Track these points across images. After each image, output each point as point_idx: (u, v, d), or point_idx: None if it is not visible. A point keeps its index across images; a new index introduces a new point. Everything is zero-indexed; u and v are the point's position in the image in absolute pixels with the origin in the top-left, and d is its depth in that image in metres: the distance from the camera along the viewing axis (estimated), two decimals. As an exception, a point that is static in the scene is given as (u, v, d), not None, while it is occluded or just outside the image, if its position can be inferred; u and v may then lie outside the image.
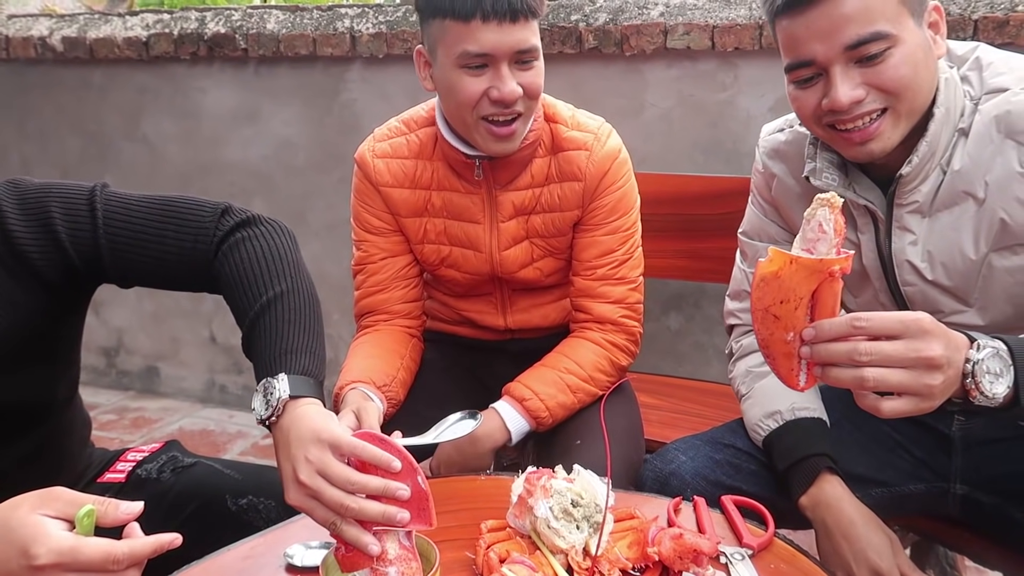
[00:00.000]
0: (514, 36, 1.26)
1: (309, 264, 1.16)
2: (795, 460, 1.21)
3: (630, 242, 1.48)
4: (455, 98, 1.31)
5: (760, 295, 0.90)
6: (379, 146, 1.49)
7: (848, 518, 1.13)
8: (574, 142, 1.43)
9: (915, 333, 0.87)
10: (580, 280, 1.48)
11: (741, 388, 1.36)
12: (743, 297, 1.39)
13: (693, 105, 2.23)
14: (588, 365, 1.44)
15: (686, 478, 1.26)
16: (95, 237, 1.07)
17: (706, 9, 2.16)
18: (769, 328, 0.91)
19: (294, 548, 1.01)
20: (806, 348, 0.90)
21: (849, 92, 1.06)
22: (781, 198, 1.32)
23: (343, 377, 1.35)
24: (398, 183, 1.47)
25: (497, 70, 1.28)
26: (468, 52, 1.26)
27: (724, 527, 1.10)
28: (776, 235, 1.34)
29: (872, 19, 1.03)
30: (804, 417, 1.25)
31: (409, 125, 1.50)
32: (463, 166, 1.43)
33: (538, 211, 1.47)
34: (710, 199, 1.97)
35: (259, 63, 2.68)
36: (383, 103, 2.57)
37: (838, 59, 1.06)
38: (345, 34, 2.52)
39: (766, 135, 1.36)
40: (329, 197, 2.72)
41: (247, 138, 2.78)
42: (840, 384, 0.90)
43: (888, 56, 1.05)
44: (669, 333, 2.39)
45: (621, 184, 1.46)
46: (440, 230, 1.49)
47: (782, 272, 0.88)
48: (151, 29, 2.76)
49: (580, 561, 0.97)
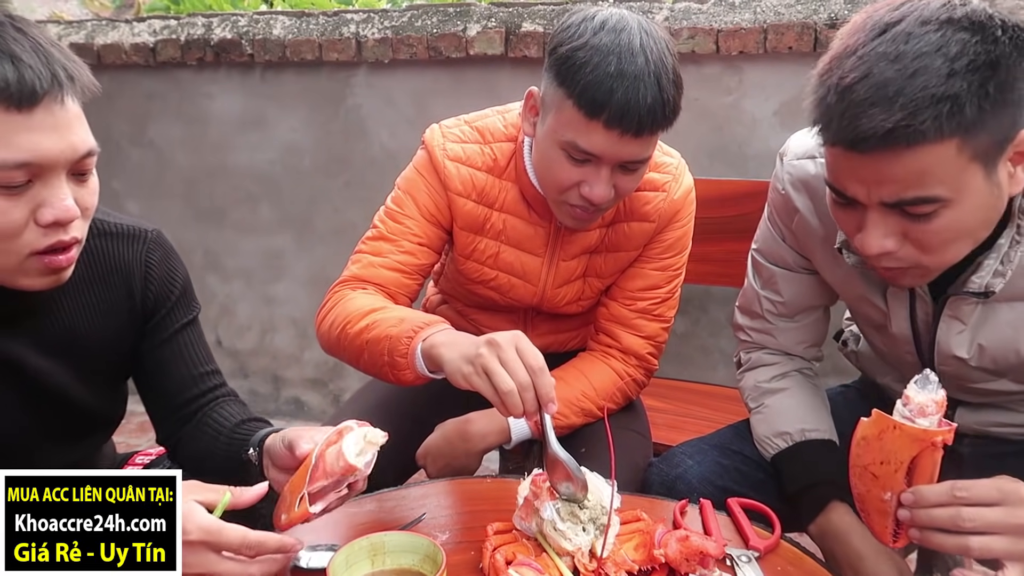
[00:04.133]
0: (629, 148, 1.16)
1: (314, 269, 1.17)
2: (803, 486, 1.20)
3: (675, 282, 1.44)
4: (547, 171, 1.24)
5: (860, 452, 0.94)
6: (452, 147, 1.37)
7: (856, 551, 1.12)
8: (650, 183, 1.36)
9: (1014, 501, 0.89)
10: (617, 306, 1.44)
11: (750, 402, 1.34)
12: (754, 317, 1.35)
13: (698, 109, 2.23)
14: (604, 393, 1.41)
15: (693, 483, 1.25)
16: (162, 343, 1.18)
17: (711, 13, 2.16)
18: (866, 485, 0.95)
19: (301, 551, 1.01)
20: (904, 511, 0.93)
21: (879, 242, 0.94)
22: (803, 236, 1.22)
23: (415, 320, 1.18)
24: (464, 193, 1.37)
25: (598, 170, 1.19)
26: (577, 146, 1.17)
27: (730, 530, 1.10)
28: (792, 263, 1.28)
29: (925, 183, 0.88)
30: (813, 439, 1.23)
31: (484, 135, 1.38)
32: (536, 200, 1.36)
33: (601, 251, 1.41)
34: (715, 203, 1.97)
35: (265, 68, 2.69)
36: (389, 108, 2.58)
37: (877, 206, 0.93)
38: (351, 39, 2.53)
39: (794, 157, 1.20)
40: (335, 202, 2.73)
41: (253, 143, 2.79)
42: (943, 550, 0.94)
43: (936, 216, 0.91)
44: (674, 336, 2.38)
45: (685, 222, 1.41)
46: (492, 253, 1.40)
47: (884, 436, 0.91)
48: (158, 35, 2.77)
49: (586, 563, 0.96)
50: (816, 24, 2.04)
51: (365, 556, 0.93)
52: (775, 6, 2.11)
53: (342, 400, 2.92)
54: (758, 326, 1.35)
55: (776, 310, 1.31)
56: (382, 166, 2.62)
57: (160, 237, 1.19)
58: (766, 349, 1.35)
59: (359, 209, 2.66)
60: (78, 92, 0.91)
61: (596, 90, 1.12)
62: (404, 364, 1.14)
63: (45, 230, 0.91)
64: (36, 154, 0.87)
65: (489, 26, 2.37)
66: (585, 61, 1.13)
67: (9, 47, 0.85)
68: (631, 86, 1.11)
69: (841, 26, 0.97)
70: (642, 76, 1.12)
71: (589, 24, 1.16)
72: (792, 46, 2.07)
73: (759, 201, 1.47)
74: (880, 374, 1.35)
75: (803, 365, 1.34)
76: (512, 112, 1.40)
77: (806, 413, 1.26)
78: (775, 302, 1.31)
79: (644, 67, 1.12)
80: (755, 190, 1.91)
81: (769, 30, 2.08)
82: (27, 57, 0.86)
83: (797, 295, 1.29)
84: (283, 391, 3.02)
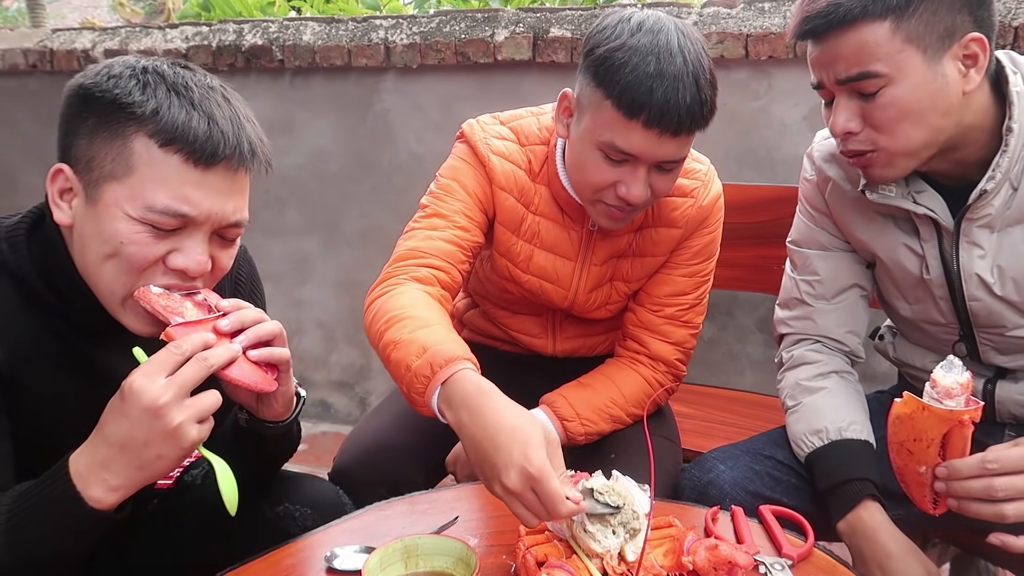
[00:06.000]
0: (667, 148, 1.17)
1: (341, 272, 1.18)
2: (836, 483, 1.19)
3: (703, 288, 1.44)
4: (582, 172, 1.24)
5: (895, 431, 1.03)
6: (494, 143, 1.36)
7: (885, 550, 1.12)
8: (679, 189, 1.35)
9: None
10: (644, 312, 1.43)
11: (788, 400, 1.34)
12: (794, 305, 1.39)
13: (726, 114, 2.22)
14: (633, 400, 1.41)
15: (725, 488, 1.25)
16: None
17: (740, 18, 2.16)
18: (903, 459, 1.04)
19: (335, 551, 1.03)
20: (940, 483, 1.02)
21: (842, 123, 1.12)
22: (836, 203, 1.31)
23: (437, 341, 1.10)
24: (507, 187, 1.36)
25: (635, 170, 1.19)
26: (615, 146, 1.17)
27: (763, 537, 1.09)
28: (827, 243, 1.35)
29: (863, 59, 1.07)
30: (850, 438, 1.23)
31: (520, 137, 1.38)
32: (568, 204, 1.36)
33: (628, 255, 1.41)
34: (743, 208, 1.96)
35: (295, 74, 2.73)
36: (416, 113, 2.60)
37: (840, 89, 1.11)
38: (379, 45, 2.55)
39: (820, 139, 1.35)
40: (362, 205, 2.75)
41: (282, 147, 2.82)
42: (980, 517, 1.00)
43: (881, 95, 1.07)
44: (701, 342, 2.36)
45: (713, 229, 1.41)
46: (527, 256, 1.40)
47: (915, 416, 0.99)
48: (190, 41, 2.81)
49: (615, 566, 0.97)
50: (846, 28, 2.03)
51: (399, 558, 0.94)
52: (805, 10, 2.10)
53: (368, 403, 2.94)
54: (798, 313, 1.37)
55: (815, 290, 1.36)
56: (409, 171, 2.64)
57: (247, 253, 1.24)
58: (808, 341, 1.37)
59: (386, 213, 2.68)
60: (254, 167, 0.99)
61: (636, 90, 1.13)
62: (421, 403, 1.09)
63: (170, 275, 0.96)
64: (195, 211, 0.94)
65: (517, 31, 2.38)
66: (624, 61, 1.14)
67: (211, 108, 0.95)
68: (670, 86, 1.12)
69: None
70: (681, 76, 1.13)
71: (626, 25, 1.17)
72: (822, 51, 2.06)
73: (788, 206, 1.47)
74: (917, 358, 1.36)
75: (844, 367, 1.35)
76: (546, 115, 1.40)
77: (845, 412, 1.26)
78: (812, 282, 1.36)
79: (683, 67, 1.13)
80: (783, 195, 1.90)
81: (798, 35, 2.07)
82: (222, 122, 0.95)
83: (833, 271, 1.35)
84: (310, 394, 3.05)
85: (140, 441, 0.86)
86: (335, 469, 1.39)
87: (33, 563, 0.90)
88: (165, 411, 0.85)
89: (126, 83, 0.93)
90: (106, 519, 0.89)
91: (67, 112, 0.96)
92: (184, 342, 0.89)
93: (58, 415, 0.99)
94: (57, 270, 0.99)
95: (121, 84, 0.93)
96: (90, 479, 0.87)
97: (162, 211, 0.92)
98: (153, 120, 0.91)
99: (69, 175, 0.95)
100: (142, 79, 0.93)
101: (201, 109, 0.94)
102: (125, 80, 0.93)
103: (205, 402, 0.89)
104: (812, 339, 1.37)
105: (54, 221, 0.97)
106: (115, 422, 0.87)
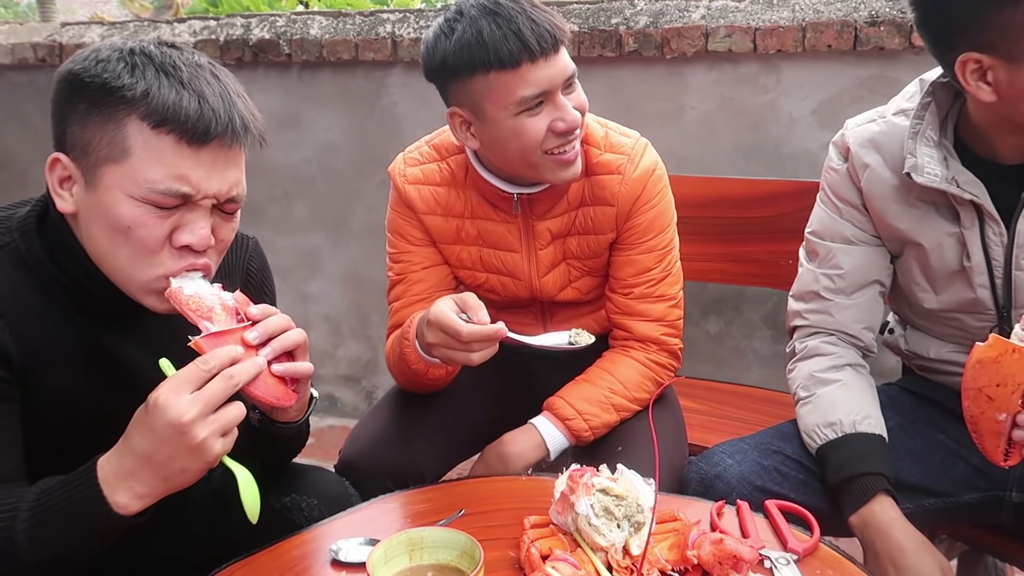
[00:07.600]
0: (559, 66, 1.26)
1: (349, 267, 1.20)
2: (849, 476, 1.19)
3: (667, 259, 1.45)
4: (520, 143, 1.29)
5: (975, 375, 0.99)
6: (411, 171, 1.46)
7: (898, 545, 1.11)
8: (606, 166, 1.40)
9: None
10: (618, 298, 1.46)
11: (800, 391, 1.33)
12: (811, 298, 1.36)
13: (734, 108, 2.21)
14: (632, 385, 1.42)
15: (731, 482, 1.25)
16: None
17: (748, 12, 2.14)
18: (981, 407, 1.01)
19: (340, 544, 1.03)
20: (1020, 431, 0.99)
21: None
22: (873, 191, 1.27)
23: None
24: (431, 210, 1.44)
25: (554, 103, 1.27)
26: (526, 97, 1.24)
27: (768, 532, 1.09)
28: (852, 236, 1.32)
29: None
30: (865, 432, 1.22)
31: (440, 151, 1.46)
32: (498, 198, 1.41)
33: (573, 233, 1.45)
34: (751, 202, 1.96)
35: (302, 68, 2.72)
36: (424, 107, 2.60)
37: None
38: (387, 39, 2.55)
39: (855, 126, 1.31)
40: (370, 200, 2.75)
41: (289, 142, 2.82)
42: None
43: None
44: (709, 337, 2.38)
45: (655, 203, 1.42)
46: (476, 258, 1.47)
47: (1002, 359, 0.96)
48: (198, 35, 2.82)
49: (619, 560, 0.97)
50: (856, 22, 2.01)
51: (403, 551, 0.94)
52: (814, 4, 2.09)
53: (375, 396, 2.95)
54: (815, 307, 1.35)
55: (834, 285, 1.33)
56: (416, 165, 2.63)
57: (258, 246, 1.25)
58: (823, 334, 1.35)
59: (393, 208, 2.68)
60: (247, 142, 0.99)
61: (500, 44, 1.22)
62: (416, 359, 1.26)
63: (180, 253, 0.97)
64: (193, 189, 0.95)
65: (524, 25, 2.37)
66: (460, 36, 1.24)
67: (200, 86, 0.95)
68: (510, 22, 1.22)
69: (882, 24, 1.01)
70: (508, 10, 1.23)
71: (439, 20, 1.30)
72: (831, 44, 2.04)
73: (796, 201, 1.46)
74: (932, 349, 1.35)
75: (857, 360, 1.33)
76: None
77: (859, 405, 1.26)
78: (833, 276, 1.33)
79: (511, 4, 1.24)
80: (792, 190, 1.89)
81: (808, 28, 2.06)
82: (212, 100, 0.95)
83: (856, 266, 1.32)
84: (317, 387, 3.04)
85: (165, 455, 0.87)
86: (341, 461, 1.40)
87: (50, 560, 0.90)
88: (190, 428, 0.86)
89: (114, 66, 0.93)
90: (128, 523, 0.90)
91: (58, 99, 0.96)
92: (212, 358, 0.90)
93: (73, 405, 1.00)
94: (69, 258, 0.99)
95: (110, 68, 0.92)
96: (117, 486, 0.89)
97: (163, 192, 0.93)
98: (144, 102, 0.92)
99: (67, 163, 0.95)
100: (130, 61, 0.93)
101: (191, 88, 0.93)
102: (113, 63, 0.93)
103: (229, 416, 0.89)
104: (827, 332, 1.35)
105: (58, 211, 0.98)
106: (140, 434, 0.88)
